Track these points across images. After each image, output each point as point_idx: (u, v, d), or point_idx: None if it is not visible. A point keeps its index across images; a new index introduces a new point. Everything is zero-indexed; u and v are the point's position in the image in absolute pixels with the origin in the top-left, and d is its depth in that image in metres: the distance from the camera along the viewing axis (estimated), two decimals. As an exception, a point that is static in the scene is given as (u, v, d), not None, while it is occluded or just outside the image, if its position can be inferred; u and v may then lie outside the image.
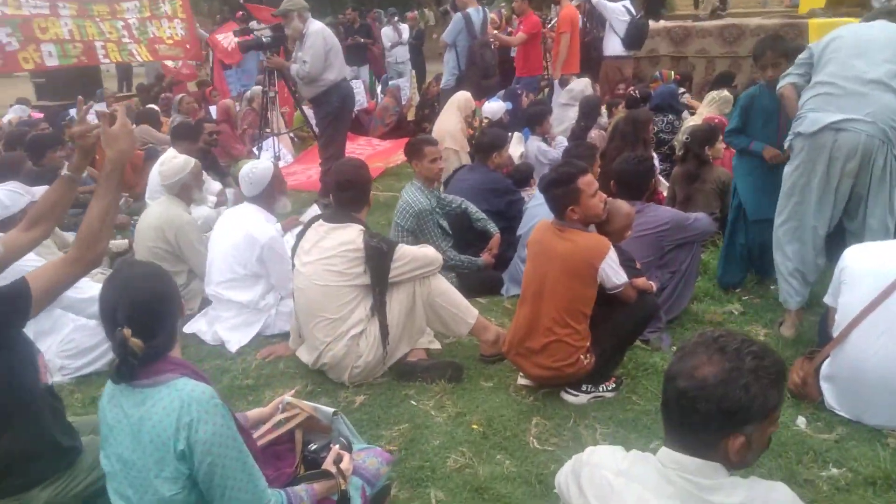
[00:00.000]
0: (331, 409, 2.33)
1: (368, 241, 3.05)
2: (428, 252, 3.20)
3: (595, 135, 6.15)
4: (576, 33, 7.95)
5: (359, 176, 3.25)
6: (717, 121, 5.10)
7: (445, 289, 3.23)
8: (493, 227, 4.39)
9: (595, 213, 2.97)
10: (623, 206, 3.21)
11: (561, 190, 2.91)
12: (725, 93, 5.88)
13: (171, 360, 1.85)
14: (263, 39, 6.34)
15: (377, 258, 3.04)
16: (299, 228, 3.60)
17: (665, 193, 5.20)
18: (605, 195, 3.05)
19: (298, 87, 6.44)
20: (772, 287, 4.08)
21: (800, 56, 3.42)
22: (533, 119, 6.02)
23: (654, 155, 5.72)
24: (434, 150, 4.13)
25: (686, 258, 3.64)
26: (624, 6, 8.41)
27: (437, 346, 3.44)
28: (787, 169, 3.37)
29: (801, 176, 3.27)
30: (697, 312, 3.75)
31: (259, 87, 7.45)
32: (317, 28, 5.93)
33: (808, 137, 3.17)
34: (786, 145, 3.38)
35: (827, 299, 2.94)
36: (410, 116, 10.20)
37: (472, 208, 4.41)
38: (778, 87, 3.49)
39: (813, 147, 3.17)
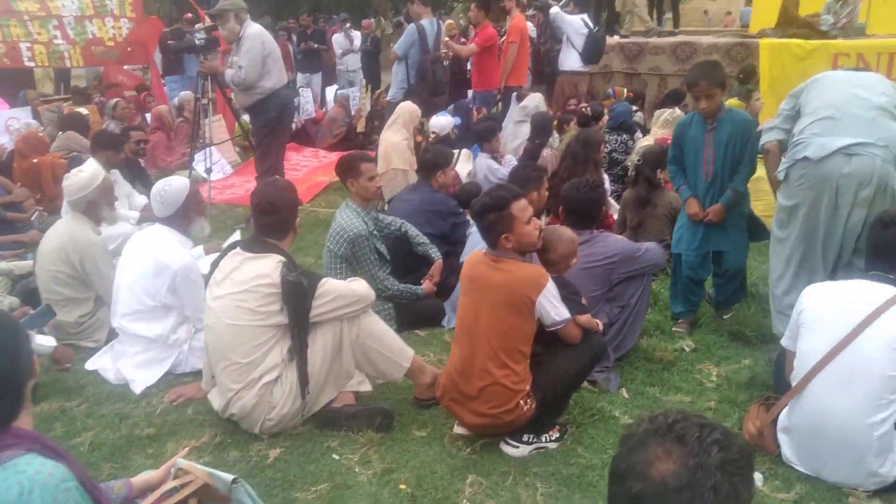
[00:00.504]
0: (230, 477, 2.00)
1: (286, 276, 2.71)
2: (357, 288, 2.88)
3: (547, 154, 5.94)
4: (524, 44, 7.78)
5: (283, 199, 2.91)
6: (669, 142, 4.91)
7: (377, 329, 2.91)
8: (434, 253, 4.10)
9: (530, 241, 2.74)
10: (565, 232, 2.98)
11: (493, 216, 2.67)
12: (678, 111, 5.73)
13: (14, 433, 1.52)
14: (196, 41, 5.94)
15: (296, 295, 2.70)
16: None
17: (616, 217, 5.02)
18: (539, 222, 2.83)
19: (234, 94, 6.06)
20: (724, 317, 3.90)
21: (782, 107, 3.30)
22: (482, 135, 5.77)
23: (606, 177, 5.55)
24: (370, 167, 3.83)
25: (636, 291, 3.41)
26: (582, 19, 8.28)
27: (367, 387, 3.12)
28: (783, 199, 3.16)
29: (801, 206, 3.07)
30: (647, 349, 3.52)
31: (189, 93, 7.01)
32: (255, 31, 5.57)
33: (814, 163, 2.95)
34: (780, 176, 3.16)
35: (784, 342, 2.73)
36: (360, 127, 9.87)
37: (413, 231, 4.11)
38: (762, 142, 3.37)
39: (819, 174, 2.96)
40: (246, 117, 6.70)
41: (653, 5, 11.83)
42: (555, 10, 8.48)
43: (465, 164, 5.69)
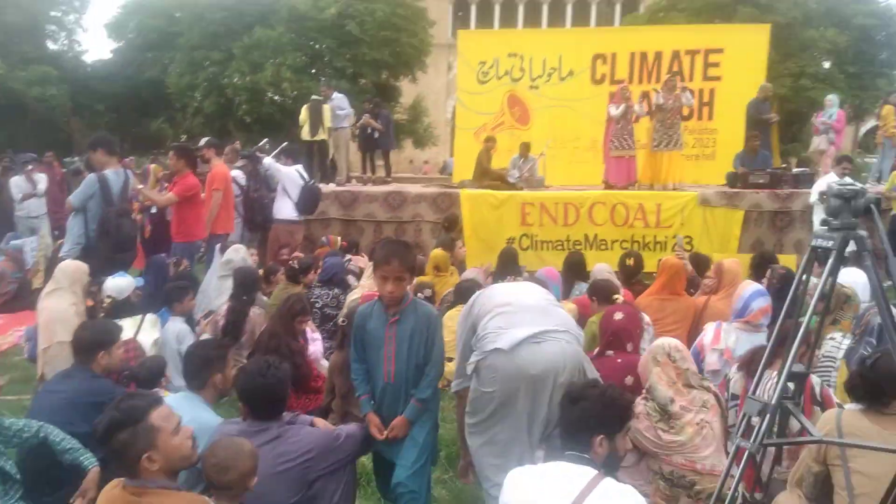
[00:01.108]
0: None
1: None
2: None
3: (255, 313, 5.41)
4: (229, 192, 7.50)
5: None
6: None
7: None
8: (88, 459, 3.18)
9: (183, 455, 2.21)
10: (242, 445, 2.43)
11: (127, 435, 2.08)
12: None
13: None
14: None
15: None
16: None
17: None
18: (191, 428, 2.28)
19: None
20: None
21: (462, 343, 3.20)
22: (171, 295, 5.07)
23: (318, 335, 5.19)
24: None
25: (338, 486, 2.91)
26: (297, 171, 8.31)
27: None
28: (480, 387, 2.93)
29: (497, 395, 2.89)
30: (355, 554, 3.02)
31: None
32: None
33: (506, 354, 2.82)
34: (468, 369, 2.99)
35: (495, 536, 2.44)
36: (37, 283, 8.35)
37: (57, 435, 3.15)
38: (454, 389, 3.22)
39: (513, 364, 2.82)
40: None
41: (366, 155, 12.44)
42: (268, 161, 8.48)
43: (151, 332, 4.87)
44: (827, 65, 22.81)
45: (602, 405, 2.29)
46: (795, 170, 9.98)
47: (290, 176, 8.26)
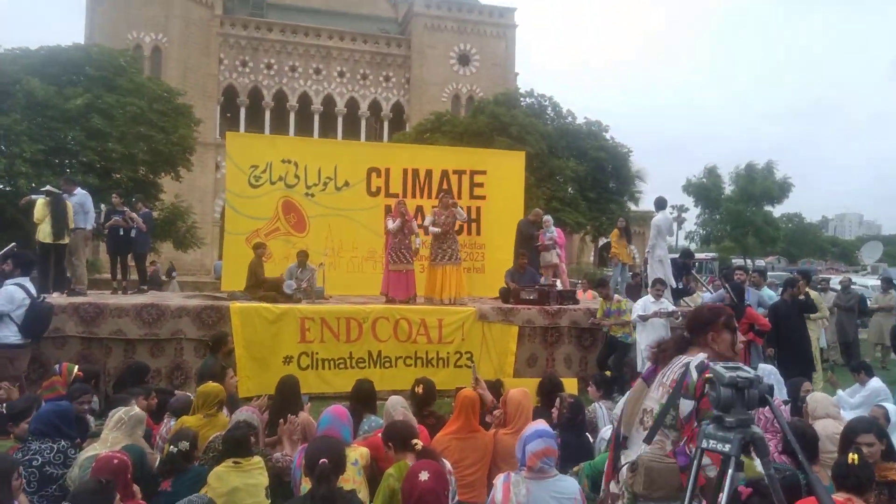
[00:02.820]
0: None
1: None
2: None
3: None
4: None
5: None
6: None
7: None
8: None
9: None
10: None
11: None
12: (136, 410, 4.55)
13: None
14: None
15: None
16: None
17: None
18: None
19: None
20: None
21: None
22: None
23: (30, 510, 3.93)
24: None
25: None
26: (20, 284, 6.81)
27: None
28: None
29: None
30: None
31: None
32: None
33: None
34: None
35: None
36: None
37: None
38: None
39: None
40: None
41: (117, 259, 10.92)
42: None
43: None
44: (571, 190, 26.05)
45: None
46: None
47: (9, 292, 6.73)
